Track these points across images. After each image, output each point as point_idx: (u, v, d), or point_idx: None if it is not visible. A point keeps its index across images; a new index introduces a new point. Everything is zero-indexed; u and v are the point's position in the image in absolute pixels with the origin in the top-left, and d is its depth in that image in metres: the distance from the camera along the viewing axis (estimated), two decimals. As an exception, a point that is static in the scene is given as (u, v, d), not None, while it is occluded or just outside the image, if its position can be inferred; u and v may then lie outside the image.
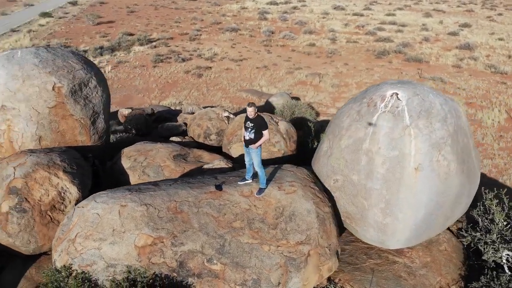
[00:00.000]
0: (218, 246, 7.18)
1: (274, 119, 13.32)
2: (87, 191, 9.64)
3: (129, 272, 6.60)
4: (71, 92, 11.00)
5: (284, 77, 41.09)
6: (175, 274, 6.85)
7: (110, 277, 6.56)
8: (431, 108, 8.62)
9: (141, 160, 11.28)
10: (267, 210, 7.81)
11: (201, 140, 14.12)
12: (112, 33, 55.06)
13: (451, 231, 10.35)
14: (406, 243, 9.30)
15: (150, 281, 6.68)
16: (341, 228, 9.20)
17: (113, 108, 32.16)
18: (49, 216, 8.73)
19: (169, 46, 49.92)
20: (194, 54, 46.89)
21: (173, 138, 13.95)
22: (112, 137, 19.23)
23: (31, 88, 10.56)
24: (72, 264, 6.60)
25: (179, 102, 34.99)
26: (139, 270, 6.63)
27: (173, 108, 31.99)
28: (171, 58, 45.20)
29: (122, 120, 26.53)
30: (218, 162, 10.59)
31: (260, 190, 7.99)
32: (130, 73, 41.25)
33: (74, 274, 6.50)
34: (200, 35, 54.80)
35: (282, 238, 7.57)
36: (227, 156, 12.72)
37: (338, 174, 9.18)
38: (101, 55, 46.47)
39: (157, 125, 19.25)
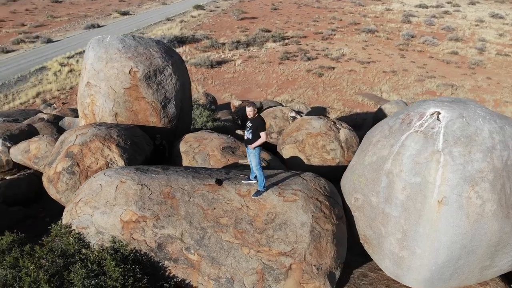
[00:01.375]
0: (197, 238, 7.39)
1: (337, 125, 12.74)
2: (133, 165, 10.77)
3: (114, 241, 7.30)
4: (145, 77, 12.27)
5: (412, 84, 38.22)
6: (153, 254, 7.31)
7: (99, 243, 7.35)
8: (476, 134, 7.29)
9: (194, 147, 12.05)
10: (258, 213, 7.68)
11: (262, 135, 14.29)
12: (251, 28, 58.25)
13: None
14: (428, 285, 8.11)
15: (131, 254, 7.27)
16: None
17: (229, 99, 34.33)
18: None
19: (299, 44, 50.67)
20: (321, 54, 46.74)
21: (239, 131, 14.42)
22: (212, 124, 20.76)
23: (111, 69, 12.14)
24: (71, 224, 7.60)
25: (291, 100, 35.51)
26: (121, 242, 7.28)
27: (283, 104, 32.62)
28: (297, 56, 45.89)
29: (233, 110, 28.30)
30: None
31: (257, 192, 7.89)
32: (256, 68, 43.23)
33: (72, 233, 7.49)
34: (334, 35, 54.24)
35: (265, 244, 7.39)
36: (279, 156, 12.69)
37: (358, 193, 8.46)
38: (236, 48, 49.60)
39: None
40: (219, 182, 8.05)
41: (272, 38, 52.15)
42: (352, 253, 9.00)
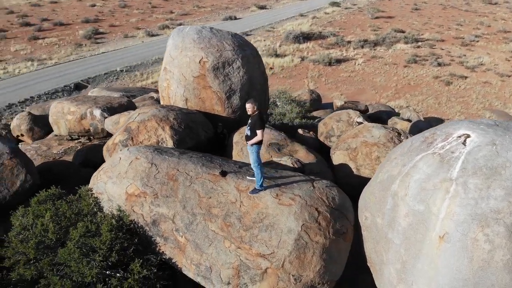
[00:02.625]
0: (187, 222, 7.75)
1: (402, 137, 11.67)
2: (182, 148, 11.61)
3: (119, 210, 8.14)
4: (213, 67, 13.00)
5: (560, 107, 32.29)
6: (147, 229, 7.93)
7: (110, 209, 8.27)
8: (503, 167, 6.12)
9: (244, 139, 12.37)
10: (249, 210, 7.68)
11: (322, 139, 13.85)
12: (383, 28, 55.53)
13: None
14: (426, 328, 7.10)
15: (131, 225, 8.02)
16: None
17: (337, 98, 33.56)
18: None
19: (433, 48, 46.64)
20: (455, 60, 42.36)
21: (299, 130, 14.24)
22: (299, 120, 20.84)
23: (184, 58, 13.16)
24: (92, 188, 8.68)
25: (406, 106, 33.10)
26: (124, 212, 8.08)
27: (396, 110, 30.75)
28: (427, 60, 42.41)
29: (334, 109, 27.77)
30: (286, 160, 10.54)
31: (254, 190, 7.86)
32: (377, 69, 41.33)
33: (91, 196, 8.57)
34: (477, 41, 48.42)
35: (247, 242, 7.38)
36: (329, 161, 12.22)
37: (368, 211, 7.80)
38: (362, 47, 47.99)
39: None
40: (223, 173, 8.24)
41: (403, 39, 49.01)
42: (363, 271, 8.35)
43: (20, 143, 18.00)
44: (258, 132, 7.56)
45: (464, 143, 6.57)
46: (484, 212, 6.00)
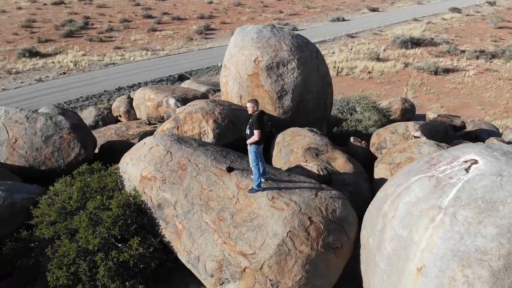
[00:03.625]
0: (185, 210, 8.11)
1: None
2: (222, 141, 12.05)
3: (134, 190, 8.86)
4: (267, 67, 13.21)
5: None
6: (154, 211, 8.49)
7: (129, 188, 9.05)
8: (502, 202, 5.35)
9: (287, 140, 12.39)
10: (243, 209, 7.74)
11: (373, 150, 13.07)
12: (506, 39, 49.60)
13: None
14: None
15: (142, 205, 8.69)
16: None
17: (436, 110, 31.23)
18: (183, 145, 11.91)
19: None
20: None
21: (351, 139, 13.63)
22: (374, 129, 19.97)
23: (241, 56, 13.57)
24: (119, 167, 9.54)
25: (514, 128, 29.35)
26: (137, 192, 8.77)
27: (500, 130, 27.63)
28: (553, 78, 36.85)
29: (426, 121, 25.81)
30: (312, 166, 10.27)
31: (252, 189, 7.88)
32: (488, 83, 37.36)
33: (117, 174, 9.45)
34: None
35: (233, 239, 7.47)
36: (370, 173, 11.57)
37: (365, 229, 7.33)
38: (477, 58, 43.66)
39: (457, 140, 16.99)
40: (229, 169, 8.41)
41: (533, 53, 43.08)
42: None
43: (118, 123, 20.23)
44: (255, 132, 7.56)
45: (467, 169, 5.80)
46: (468, 250, 5.26)
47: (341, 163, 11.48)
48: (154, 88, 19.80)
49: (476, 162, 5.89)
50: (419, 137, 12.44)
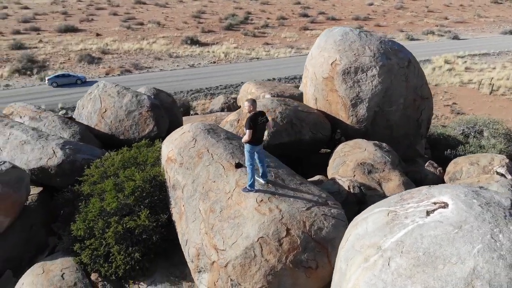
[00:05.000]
0: (189, 195, 8.51)
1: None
2: (275, 140, 12.06)
3: (162, 168, 9.69)
4: (343, 71, 12.67)
5: None
6: (169, 190, 9.16)
7: (161, 165, 9.94)
8: (444, 261, 4.45)
9: (344, 150, 11.79)
10: (232, 205, 7.77)
11: (446, 179, 11.37)
12: None
13: None
14: None
15: (164, 182, 9.48)
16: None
17: None
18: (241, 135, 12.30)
19: None
20: None
21: (428, 163, 12.02)
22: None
23: (321, 58, 13.28)
24: (160, 147, 10.48)
25: None
26: (163, 170, 9.58)
27: None
28: None
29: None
30: (344, 181, 9.55)
31: (245, 188, 7.82)
32: None
33: (158, 151, 10.41)
34: None
35: (214, 231, 7.59)
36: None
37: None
38: None
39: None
40: (237, 165, 8.47)
41: None
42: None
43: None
44: (246, 132, 7.47)
45: (430, 212, 4.84)
46: (386, 303, 4.45)
47: (393, 186, 10.36)
48: (258, 83, 20.59)
49: (445, 206, 4.82)
50: (503, 175, 10.28)
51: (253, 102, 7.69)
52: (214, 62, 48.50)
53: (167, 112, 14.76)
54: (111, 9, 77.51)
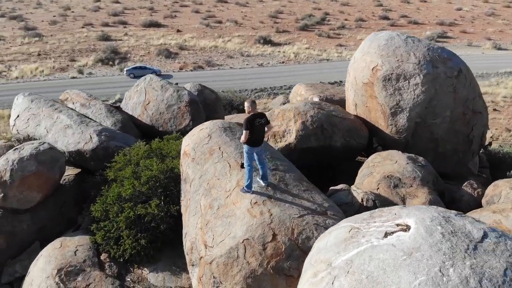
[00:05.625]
0: (194, 189, 8.67)
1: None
2: (303, 144, 11.85)
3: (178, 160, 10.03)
4: (384, 77, 12.11)
5: None
6: (182, 183, 9.45)
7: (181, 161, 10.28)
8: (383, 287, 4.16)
9: (374, 161, 11.27)
10: (228, 204, 7.77)
11: (483, 201, 10.33)
12: None
13: None
14: None
15: (179, 175, 9.80)
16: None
17: None
18: (269, 136, 12.26)
19: None
20: None
21: (468, 182, 10.99)
22: None
23: (362, 62, 12.79)
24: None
25: None
26: (179, 163, 9.91)
27: None
28: None
29: None
30: (359, 193, 9.10)
31: (242, 189, 7.79)
32: None
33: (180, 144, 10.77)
34: None
35: (207, 227, 7.67)
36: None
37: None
38: None
39: None
40: (243, 165, 8.46)
41: None
42: None
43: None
44: (243, 132, 7.43)
45: (388, 234, 4.52)
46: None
47: (417, 203, 9.71)
48: (309, 85, 20.29)
49: (406, 229, 4.42)
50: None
51: (252, 103, 7.63)
52: (283, 62, 48.62)
53: (209, 108, 15.16)
54: (194, 6, 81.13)
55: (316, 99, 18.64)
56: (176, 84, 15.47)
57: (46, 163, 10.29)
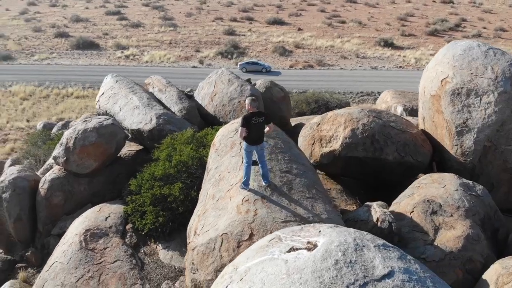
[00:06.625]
0: (208, 178, 8.95)
1: None
2: (349, 152, 11.24)
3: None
4: (452, 91, 10.90)
5: None
6: (206, 170, 9.85)
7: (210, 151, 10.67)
8: None
9: (422, 182, 10.22)
10: (226, 197, 7.92)
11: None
12: None
13: None
14: None
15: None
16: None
17: None
18: (316, 140, 11.90)
19: None
20: None
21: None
22: None
23: (433, 72, 11.67)
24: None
25: None
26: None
27: None
28: None
29: None
30: (376, 212, 8.38)
31: (241, 185, 7.83)
32: None
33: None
34: None
35: (203, 217, 7.94)
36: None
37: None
38: None
39: None
40: (254, 163, 8.46)
41: None
42: None
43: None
44: (239, 129, 7.42)
45: (292, 250, 4.29)
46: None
47: (450, 236, 8.58)
48: (397, 92, 18.94)
49: (311, 249, 4.08)
50: None
51: (251, 101, 7.57)
52: (401, 67, 45.71)
53: (274, 106, 15.29)
54: (321, 5, 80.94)
55: (399, 108, 17.39)
56: (248, 80, 15.89)
57: (105, 136, 11.64)
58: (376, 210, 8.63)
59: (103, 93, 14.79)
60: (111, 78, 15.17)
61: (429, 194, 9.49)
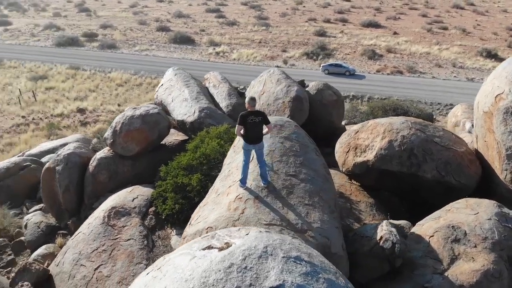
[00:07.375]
0: (220, 172, 9.22)
1: None
2: (382, 165, 10.59)
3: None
4: (506, 109, 9.85)
5: None
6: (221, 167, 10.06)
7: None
8: None
9: (454, 206, 9.36)
10: (224, 193, 8.08)
11: None
12: None
13: None
14: None
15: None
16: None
17: None
18: (351, 147, 11.40)
19: None
20: None
21: None
22: None
23: (489, 86, 10.61)
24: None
25: None
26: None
27: None
28: None
29: None
30: (383, 229, 7.82)
31: (239, 182, 7.89)
32: None
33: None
34: None
35: (201, 208, 8.19)
36: None
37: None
38: None
39: None
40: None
41: None
42: None
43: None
44: (236, 126, 7.44)
45: (206, 248, 4.34)
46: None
47: (467, 268, 7.77)
48: (470, 107, 17.29)
49: (221, 249, 4.05)
50: None
51: (251, 100, 7.53)
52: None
53: (324, 109, 14.94)
54: (424, 10, 75.95)
55: (468, 124, 15.89)
56: (301, 81, 15.71)
57: (149, 124, 12.45)
58: (383, 228, 8.05)
59: (162, 84, 15.79)
60: (172, 71, 16.12)
61: (456, 220, 8.61)
